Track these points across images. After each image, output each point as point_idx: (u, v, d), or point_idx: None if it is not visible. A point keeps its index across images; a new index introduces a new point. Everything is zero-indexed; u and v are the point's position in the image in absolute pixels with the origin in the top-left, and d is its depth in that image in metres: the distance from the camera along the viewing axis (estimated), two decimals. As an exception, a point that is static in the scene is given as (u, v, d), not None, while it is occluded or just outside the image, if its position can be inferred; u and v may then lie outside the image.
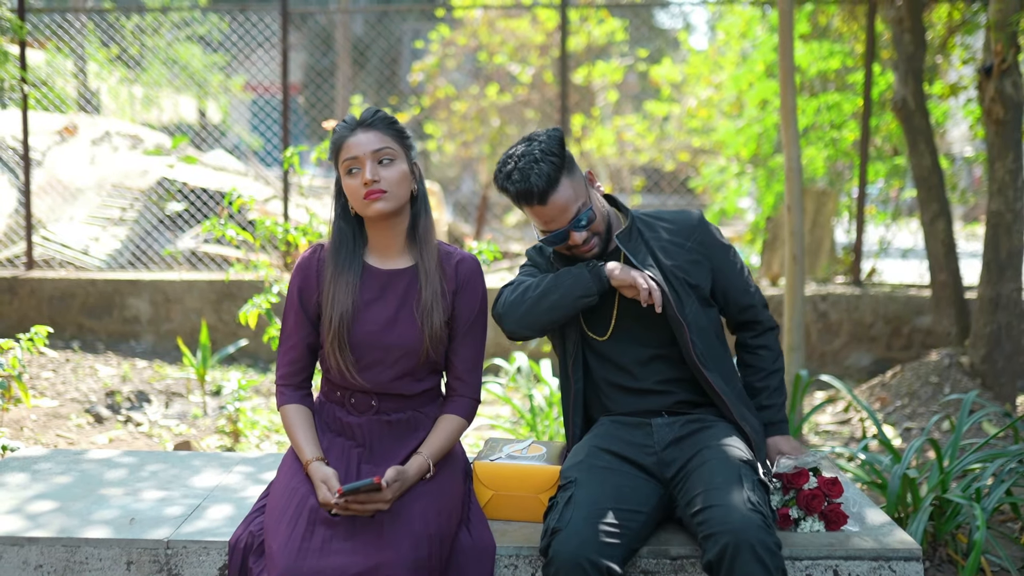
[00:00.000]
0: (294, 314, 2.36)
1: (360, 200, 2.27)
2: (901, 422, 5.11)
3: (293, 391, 2.37)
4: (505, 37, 9.54)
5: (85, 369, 5.96)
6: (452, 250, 2.43)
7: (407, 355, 2.31)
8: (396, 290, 2.34)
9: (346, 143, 2.28)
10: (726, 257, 2.52)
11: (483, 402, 5.48)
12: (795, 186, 4.30)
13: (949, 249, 5.72)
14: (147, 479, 2.70)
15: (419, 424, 2.36)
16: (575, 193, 2.33)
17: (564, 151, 2.33)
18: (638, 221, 2.50)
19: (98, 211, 7.92)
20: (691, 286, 2.45)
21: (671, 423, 2.43)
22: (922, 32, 5.76)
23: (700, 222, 2.54)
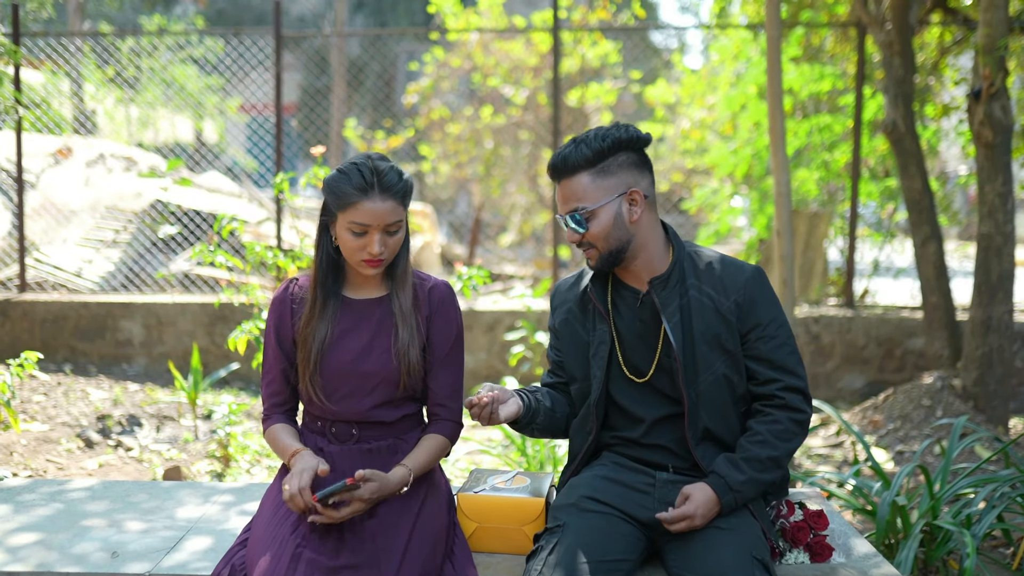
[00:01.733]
0: (272, 349, 2.37)
1: (357, 261, 2.27)
2: (893, 445, 5.10)
3: (279, 416, 2.39)
4: (499, 59, 9.58)
5: (77, 392, 5.94)
6: (425, 277, 2.43)
7: (383, 383, 2.31)
8: (370, 320, 2.34)
9: (360, 205, 2.20)
10: (763, 325, 2.25)
11: (473, 427, 5.49)
12: (784, 211, 4.31)
13: (940, 271, 5.73)
14: (130, 510, 2.69)
15: (400, 451, 2.35)
16: (589, 193, 2.21)
17: (610, 150, 2.20)
18: (687, 259, 2.29)
19: (92, 233, 7.92)
20: (726, 352, 2.25)
21: (676, 481, 2.30)
22: (911, 56, 5.80)
23: (750, 280, 2.27)
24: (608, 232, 2.22)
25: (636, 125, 2.29)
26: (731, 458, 2.22)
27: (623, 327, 2.34)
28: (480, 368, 6.61)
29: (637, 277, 2.32)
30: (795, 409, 2.24)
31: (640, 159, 2.26)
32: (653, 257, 2.28)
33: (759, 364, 2.26)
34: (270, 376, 2.37)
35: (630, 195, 2.22)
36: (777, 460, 2.22)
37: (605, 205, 2.21)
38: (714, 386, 2.25)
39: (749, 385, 2.29)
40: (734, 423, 2.29)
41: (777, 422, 2.23)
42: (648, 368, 2.30)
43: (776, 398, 2.24)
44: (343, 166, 2.27)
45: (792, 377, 2.25)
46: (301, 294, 2.37)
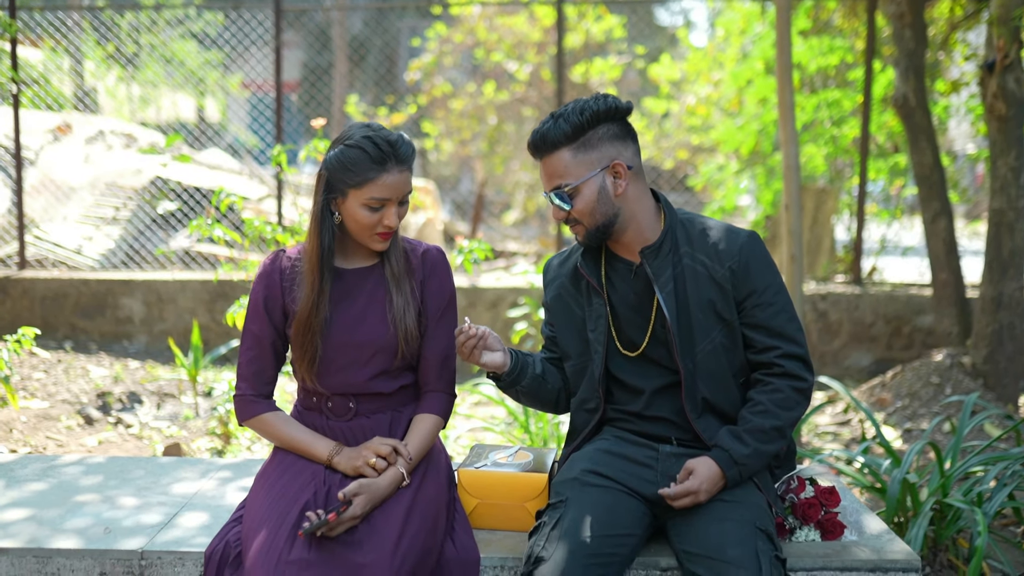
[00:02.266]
0: (259, 322, 2.28)
1: (370, 235, 2.20)
2: (902, 423, 5.03)
3: (263, 400, 2.30)
4: (502, 34, 9.46)
5: (77, 370, 5.90)
6: (416, 243, 2.37)
7: (380, 352, 2.25)
8: (362, 289, 2.28)
9: (379, 180, 2.15)
10: (760, 291, 2.18)
11: (477, 404, 5.43)
12: (793, 185, 4.22)
13: (950, 248, 5.64)
14: (125, 486, 2.63)
15: (399, 424, 2.30)
16: (571, 169, 2.15)
17: (589, 123, 2.13)
18: (679, 227, 2.23)
19: (91, 210, 7.85)
20: (723, 320, 2.19)
21: (679, 454, 2.25)
22: (923, 28, 5.68)
23: (745, 246, 2.20)
24: (593, 207, 2.17)
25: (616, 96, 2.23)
26: (734, 430, 2.17)
27: (617, 300, 2.28)
28: (483, 346, 6.54)
29: (629, 249, 2.27)
30: (795, 376, 2.18)
31: (622, 129, 2.19)
32: (643, 227, 2.22)
33: (756, 332, 2.20)
34: (255, 351, 2.29)
35: (613, 168, 2.16)
36: (780, 430, 2.16)
37: (588, 180, 2.15)
38: (711, 356, 2.20)
39: (747, 354, 2.23)
40: (734, 394, 2.23)
41: (778, 391, 2.16)
42: (642, 340, 2.25)
43: (775, 366, 2.18)
44: (351, 142, 2.17)
45: (791, 344, 2.19)
46: (291, 266, 2.29)
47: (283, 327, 2.29)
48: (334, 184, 2.18)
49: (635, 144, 2.22)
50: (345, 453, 2.20)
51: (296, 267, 2.28)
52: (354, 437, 2.27)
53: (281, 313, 2.28)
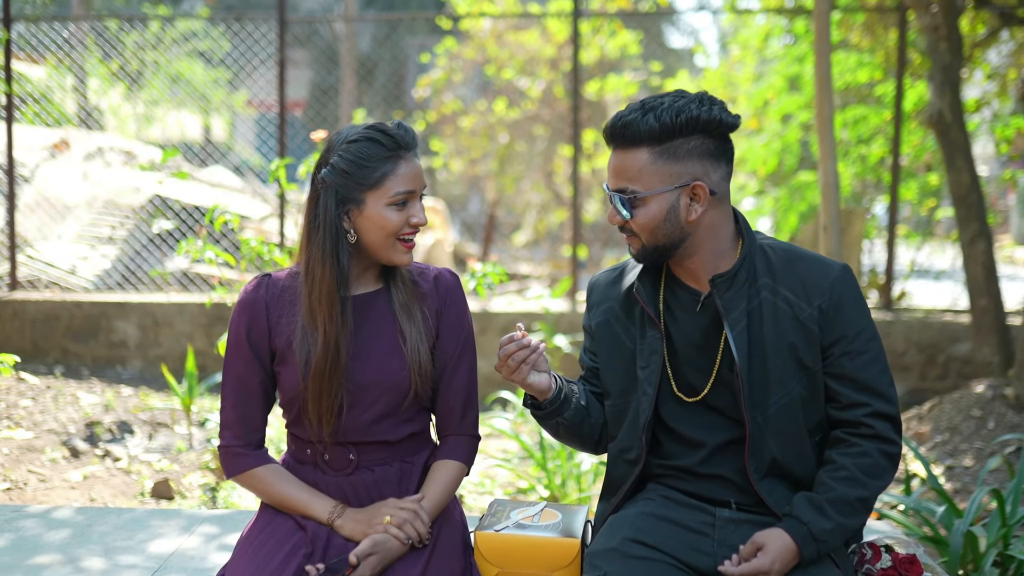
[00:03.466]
0: (242, 360, 1.95)
1: (393, 244, 1.89)
2: (943, 459, 4.71)
3: (252, 451, 1.96)
4: (514, 50, 9.21)
5: (67, 397, 5.60)
6: (424, 267, 2.06)
7: (387, 392, 1.93)
8: (368, 317, 1.96)
9: (398, 172, 1.87)
10: (851, 337, 1.85)
11: (488, 436, 5.11)
12: (832, 203, 3.92)
13: (990, 272, 5.33)
14: (93, 543, 2.32)
15: (409, 476, 1.98)
16: (644, 175, 1.81)
17: (682, 129, 1.79)
18: (759, 255, 1.90)
19: (88, 229, 7.58)
20: (804, 368, 1.86)
21: (740, 520, 1.91)
22: (959, 40, 5.40)
23: (838, 281, 1.86)
24: (657, 226, 1.83)
25: (726, 105, 1.86)
26: (813, 499, 1.82)
27: (677, 335, 1.93)
28: (494, 373, 6.20)
29: (695, 276, 1.92)
30: (886, 440, 1.84)
31: (718, 147, 1.84)
32: (715, 254, 1.88)
33: (843, 384, 1.85)
34: (239, 395, 1.95)
35: (693, 189, 1.81)
36: (866, 502, 1.83)
37: (659, 195, 1.81)
38: (786, 410, 1.85)
39: (828, 408, 1.89)
40: (808, 455, 1.89)
41: (866, 455, 1.83)
42: (703, 385, 1.90)
43: (863, 426, 1.84)
44: (353, 136, 1.88)
45: (882, 401, 1.85)
46: (278, 294, 1.96)
47: (271, 365, 1.96)
48: (346, 194, 1.87)
49: (728, 166, 1.88)
50: (349, 515, 1.89)
51: (286, 294, 1.96)
52: (355, 494, 1.95)
53: (267, 350, 1.95)
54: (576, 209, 6.81)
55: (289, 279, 1.98)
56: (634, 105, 1.85)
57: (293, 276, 1.97)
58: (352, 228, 1.90)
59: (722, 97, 8.72)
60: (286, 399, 1.96)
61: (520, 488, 4.10)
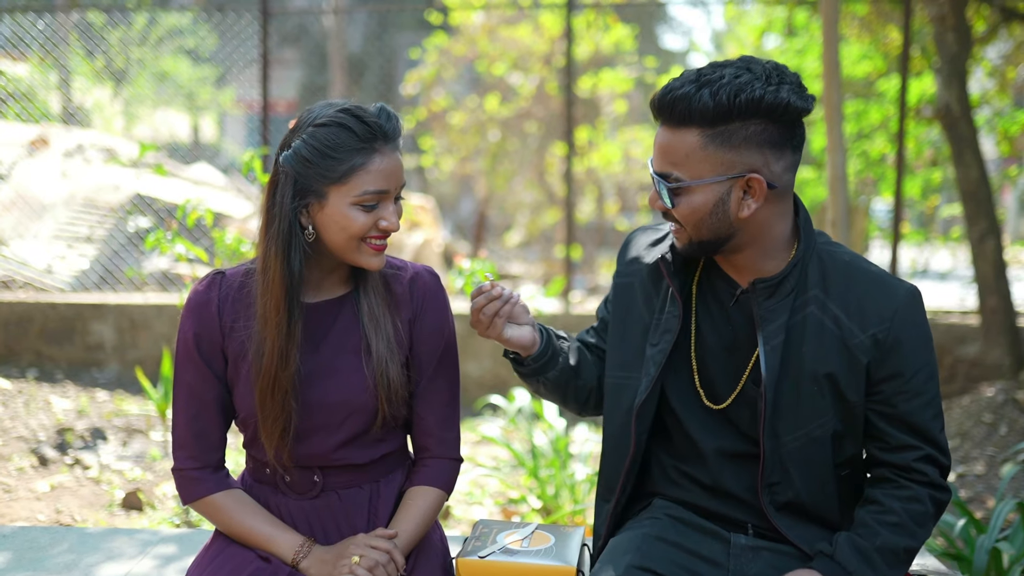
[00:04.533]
0: (193, 370, 1.70)
1: (358, 248, 1.63)
2: (954, 467, 4.51)
3: (211, 474, 1.72)
4: (505, 46, 9.00)
5: (39, 402, 5.37)
6: (400, 264, 1.81)
7: (354, 415, 1.69)
8: (328, 329, 1.72)
9: (370, 165, 1.60)
10: (909, 376, 1.60)
11: (478, 443, 4.89)
12: (840, 197, 3.71)
13: (1000, 271, 5.15)
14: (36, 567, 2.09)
15: (381, 501, 1.75)
16: (692, 161, 1.55)
17: (741, 112, 1.51)
18: (812, 263, 1.64)
19: (65, 228, 7.34)
20: (842, 402, 1.61)
21: (758, 548, 1.69)
22: (967, 31, 5.22)
23: (903, 310, 1.61)
24: (701, 219, 1.58)
25: (800, 81, 1.59)
26: (861, 546, 1.58)
27: (707, 330, 1.70)
28: (484, 377, 6.02)
29: (738, 269, 1.67)
30: (939, 487, 1.63)
31: (782, 134, 1.56)
32: (765, 253, 1.63)
33: (893, 425, 1.61)
34: (193, 410, 1.70)
35: (747, 181, 1.55)
36: (912, 553, 1.61)
37: (707, 185, 1.56)
38: (814, 443, 1.62)
39: (871, 448, 1.65)
40: (831, 489, 1.66)
41: (918, 500, 1.61)
42: (728, 393, 1.67)
43: (915, 471, 1.62)
44: (322, 120, 1.60)
45: (934, 447, 1.62)
46: (233, 294, 1.71)
47: (225, 376, 1.72)
48: (306, 184, 1.60)
49: (794, 155, 1.60)
50: (316, 555, 1.65)
51: (241, 295, 1.71)
52: (319, 518, 1.72)
53: (221, 357, 1.70)
54: (569, 208, 6.60)
55: (245, 276, 1.71)
56: (689, 75, 1.57)
57: (249, 273, 1.71)
58: (311, 224, 1.64)
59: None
60: (242, 417, 1.72)
61: (511, 498, 3.88)
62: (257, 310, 1.66)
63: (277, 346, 1.62)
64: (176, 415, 1.72)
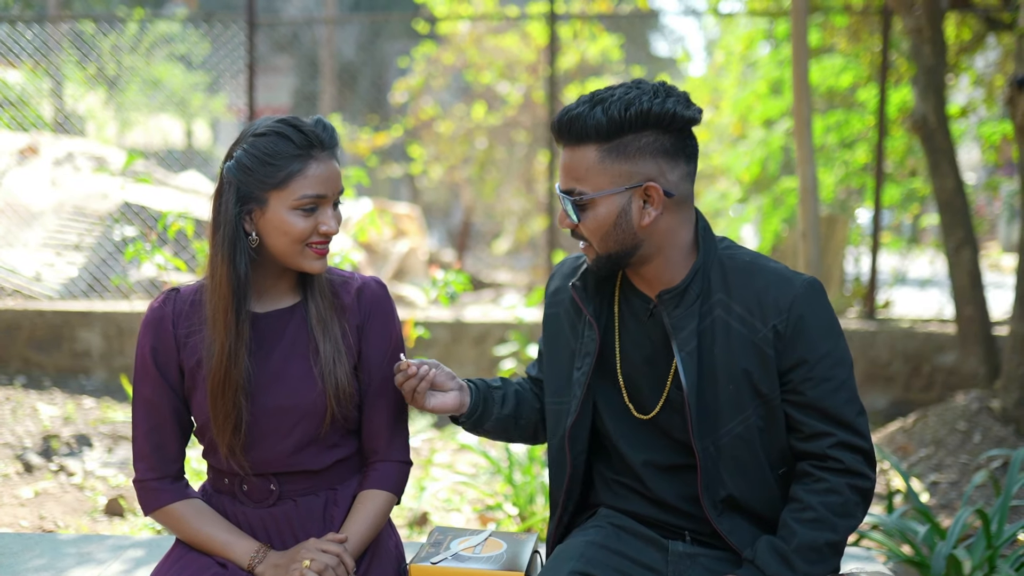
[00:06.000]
0: (151, 384, 1.77)
1: (301, 252, 1.71)
2: (927, 474, 4.56)
3: (169, 484, 1.79)
4: (493, 55, 9.07)
5: (25, 409, 5.42)
6: (348, 275, 1.89)
7: (306, 418, 1.76)
8: (282, 337, 1.79)
9: (307, 172, 1.69)
10: (812, 362, 1.67)
11: (457, 451, 4.94)
12: (811, 209, 3.78)
13: (975, 280, 5.20)
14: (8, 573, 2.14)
15: (337, 508, 1.82)
16: (591, 174, 1.65)
17: (632, 124, 1.62)
18: (715, 267, 1.72)
19: (54, 236, 7.38)
20: (759, 396, 1.69)
21: (695, 555, 1.76)
22: (943, 43, 5.28)
23: (799, 299, 1.68)
24: (606, 231, 1.67)
25: (688, 97, 1.69)
26: (778, 547, 1.64)
27: (628, 344, 1.77)
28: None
29: (649, 283, 1.76)
30: (856, 473, 1.66)
31: (675, 144, 1.66)
32: (670, 263, 1.71)
33: (804, 413, 1.68)
34: (151, 422, 1.77)
35: (645, 190, 1.65)
36: (836, 546, 1.65)
37: (608, 196, 1.65)
38: (741, 441, 1.69)
39: (791, 440, 1.71)
40: (771, 489, 1.72)
41: (834, 491, 1.65)
42: (655, 403, 1.75)
43: (830, 459, 1.67)
44: (260, 130, 1.70)
45: (849, 432, 1.66)
46: (186, 310, 1.79)
47: (181, 389, 1.79)
48: (248, 191, 1.69)
49: (689, 164, 1.70)
50: (271, 560, 1.72)
51: (194, 312, 1.78)
52: (276, 527, 1.78)
53: (176, 371, 1.78)
54: (553, 216, 6.66)
55: (199, 293, 1.80)
56: (584, 98, 1.68)
57: (202, 289, 1.80)
58: (254, 231, 1.72)
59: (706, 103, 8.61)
60: (199, 426, 1.79)
61: (488, 505, 3.94)
62: (207, 314, 1.73)
63: (226, 346, 1.70)
64: (136, 428, 1.79)
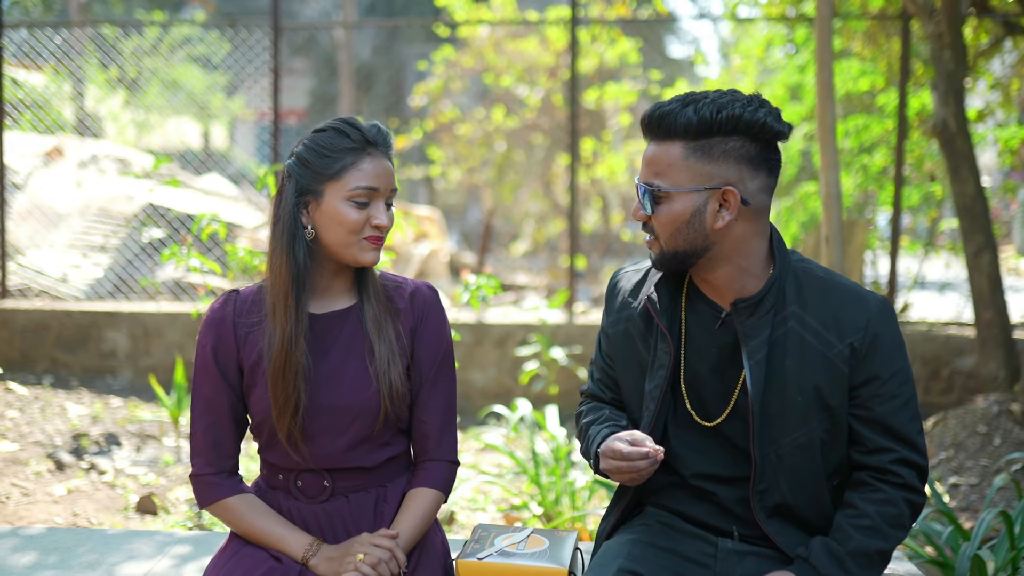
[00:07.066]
0: (211, 382, 1.84)
1: (356, 241, 1.78)
2: (947, 477, 4.59)
3: (226, 479, 1.86)
4: (512, 58, 9.13)
5: (54, 408, 5.51)
6: (401, 280, 1.96)
7: (361, 416, 1.83)
8: (338, 337, 1.86)
9: (361, 165, 1.77)
10: (884, 379, 1.71)
11: (482, 451, 5.00)
12: (834, 214, 3.82)
13: (995, 284, 5.22)
14: (61, 567, 2.21)
15: (386, 505, 1.88)
16: (673, 170, 1.68)
17: (721, 127, 1.65)
18: (790, 279, 1.75)
19: (80, 237, 7.49)
20: (827, 409, 1.72)
21: (743, 553, 1.80)
22: (963, 49, 5.30)
23: (876, 319, 1.72)
24: (678, 228, 1.70)
25: (780, 112, 1.73)
26: (833, 550, 1.69)
27: (694, 353, 1.81)
28: (489, 385, 6.13)
29: (719, 291, 1.78)
30: (912, 489, 1.72)
31: (760, 154, 1.69)
32: (742, 273, 1.75)
33: (870, 428, 1.73)
34: (210, 417, 1.84)
35: (723, 194, 1.68)
36: (886, 555, 1.70)
37: (685, 193, 1.68)
38: (803, 451, 1.73)
39: (852, 452, 1.76)
40: (824, 500, 1.77)
41: (891, 503, 1.70)
42: (721, 411, 1.78)
43: (890, 473, 1.72)
44: (319, 128, 1.82)
45: (910, 449, 1.72)
46: (246, 310, 1.86)
47: (240, 387, 1.86)
48: (305, 184, 1.78)
49: (770, 177, 1.73)
50: (324, 553, 1.78)
51: (254, 311, 1.86)
52: (329, 522, 1.85)
53: (236, 369, 1.85)
54: (574, 219, 6.72)
55: (259, 294, 1.88)
56: (677, 97, 1.73)
57: (261, 290, 1.88)
58: (310, 224, 1.80)
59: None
60: (256, 423, 1.86)
61: (513, 505, 3.99)
62: (268, 306, 1.81)
63: (287, 331, 1.77)
64: (194, 424, 1.86)
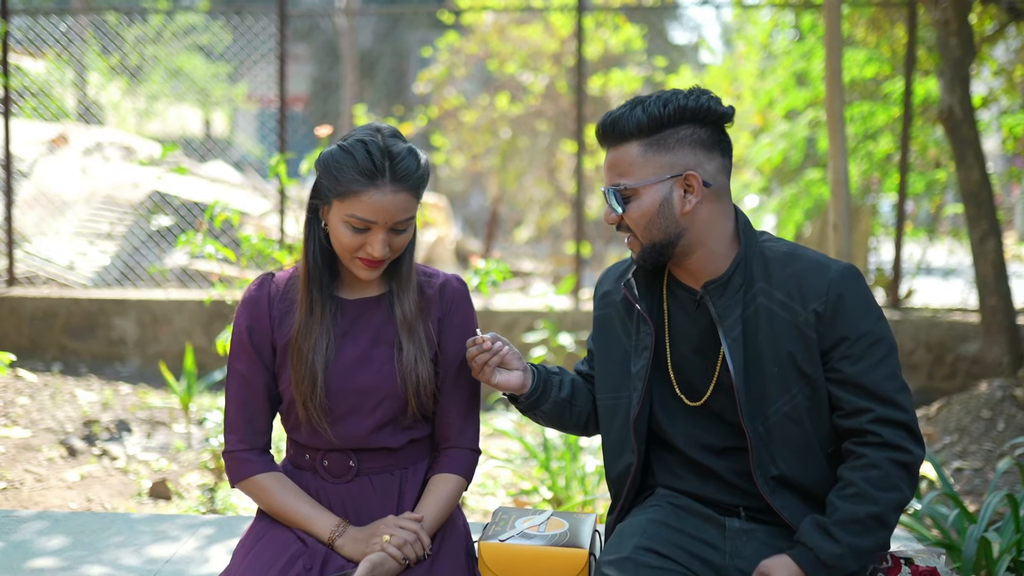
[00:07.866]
0: (246, 359, 1.89)
1: (350, 258, 1.83)
2: (951, 461, 4.64)
3: (258, 456, 1.90)
4: (516, 45, 9.13)
5: (64, 395, 5.54)
6: (432, 272, 2.00)
7: (387, 399, 1.87)
8: (368, 323, 1.90)
9: (363, 196, 1.76)
10: (852, 339, 1.75)
11: (491, 436, 5.05)
12: (842, 201, 3.84)
13: (1000, 270, 5.25)
14: (87, 548, 2.26)
15: (409, 486, 1.92)
16: (635, 168, 1.78)
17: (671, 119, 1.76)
18: (756, 258, 1.83)
19: (86, 225, 7.51)
20: (804, 376, 1.78)
21: (751, 531, 1.86)
22: (970, 36, 5.31)
23: (836, 282, 1.77)
24: (650, 219, 1.79)
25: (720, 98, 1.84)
26: (820, 522, 1.73)
27: (677, 336, 1.89)
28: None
29: (694, 276, 1.87)
30: (896, 447, 1.72)
31: (711, 137, 1.81)
32: (712, 255, 1.83)
33: (844, 389, 1.76)
34: (244, 395, 1.89)
35: (685, 179, 1.78)
36: (879, 518, 1.72)
37: (651, 186, 1.78)
38: (788, 420, 1.79)
39: (834, 418, 1.80)
40: (821, 468, 1.82)
41: (873, 466, 1.72)
42: (705, 388, 1.86)
43: (869, 434, 1.73)
44: (346, 142, 1.81)
45: (888, 407, 1.73)
46: (281, 293, 1.92)
47: (273, 365, 1.91)
48: (321, 188, 1.83)
49: (724, 159, 1.84)
50: (350, 535, 1.82)
51: (288, 293, 1.91)
52: (353, 501, 1.89)
53: (270, 348, 1.90)
54: (579, 205, 6.74)
55: (293, 279, 1.94)
56: (622, 105, 1.84)
57: (294, 276, 1.94)
58: (324, 220, 1.87)
59: (726, 93, 8.65)
60: (287, 402, 1.91)
61: (523, 490, 4.04)
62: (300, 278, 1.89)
63: (300, 319, 1.84)
64: (228, 402, 1.90)
